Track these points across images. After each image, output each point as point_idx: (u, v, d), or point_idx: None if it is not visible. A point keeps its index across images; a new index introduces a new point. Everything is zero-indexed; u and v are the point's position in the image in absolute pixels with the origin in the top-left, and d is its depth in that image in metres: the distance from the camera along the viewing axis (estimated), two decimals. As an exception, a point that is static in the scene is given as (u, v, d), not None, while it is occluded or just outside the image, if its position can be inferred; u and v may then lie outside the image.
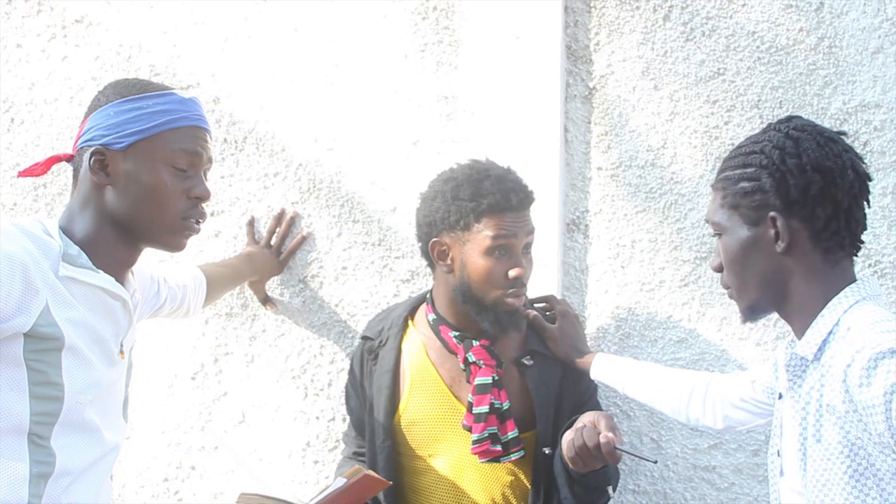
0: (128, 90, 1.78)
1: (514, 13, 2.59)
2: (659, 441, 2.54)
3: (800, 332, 1.69)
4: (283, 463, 2.75)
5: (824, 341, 1.62)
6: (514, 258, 2.20)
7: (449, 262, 2.24)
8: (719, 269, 1.75)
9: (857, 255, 1.70)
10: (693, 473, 2.53)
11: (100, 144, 1.74)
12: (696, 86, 2.55)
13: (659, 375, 2.27)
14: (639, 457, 1.95)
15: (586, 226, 2.62)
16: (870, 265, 2.45)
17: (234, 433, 2.79)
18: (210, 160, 1.84)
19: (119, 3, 2.89)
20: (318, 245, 2.76)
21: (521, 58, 2.59)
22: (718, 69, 2.54)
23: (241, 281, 2.65)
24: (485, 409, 2.19)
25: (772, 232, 1.65)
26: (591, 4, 2.62)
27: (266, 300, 2.75)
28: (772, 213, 1.64)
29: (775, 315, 2.44)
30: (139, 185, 1.74)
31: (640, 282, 2.58)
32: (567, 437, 1.99)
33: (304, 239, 2.75)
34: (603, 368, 2.31)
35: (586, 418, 1.98)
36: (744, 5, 2.53)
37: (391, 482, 2.13)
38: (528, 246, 2.24)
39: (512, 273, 2.18)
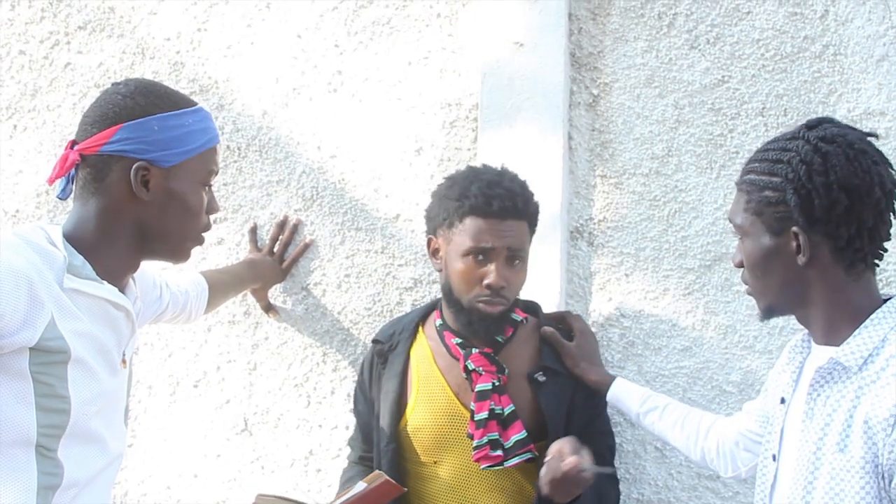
0: (165, 102, 1.74)
1: (518, 20, 2.59)
2: (663, 450, 2.53)
3: (824, 337, 1.67)
4: (285, 471, 2.74)
5: (870, 355, 1.59)
6: (491, 265, 2.17)
7: (439, 259, 2.26)
8: (741, 266, 1.73)
9: (878, 265, 1.68)
10: (697, 482, 2.52)
11: (145, 160, 1.70)
12: (701, 94, 2.55)
13: (677, 412, 2.25)
14: (600, 471, 2.03)
15: (590, 233, 2.61)
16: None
17: (236, 441, 2.78)
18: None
19: (122, 10, 2.89)
20: (320, 252, 2.75)
21: (524, 65, 2.59)
22: (723, 77, 2.54)
23: (243, 288, 2.64)
24: (484, 415, 2.18)
25: (793, 244, 1.62)
26: (596, 12, 2.62)
27: (268, 308, 2.75)
28: (794, 228, 1.61)
29: (782, 323, 2.45)
30: (183, 203, 1.74)
31: (645, 290, 2.57)
32: (542, 473, 2.03)
33: (306, 246, 2.74)
34: (620, 394, 2.29)
35: (553, 449, 2.02)
36: (748, 13, 2.52)
37: (406, 489, 2.13)
38: (513, 257, 2.19)
39: (485, 280, 2.17)
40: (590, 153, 2.62)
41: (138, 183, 1.70)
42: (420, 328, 2.38)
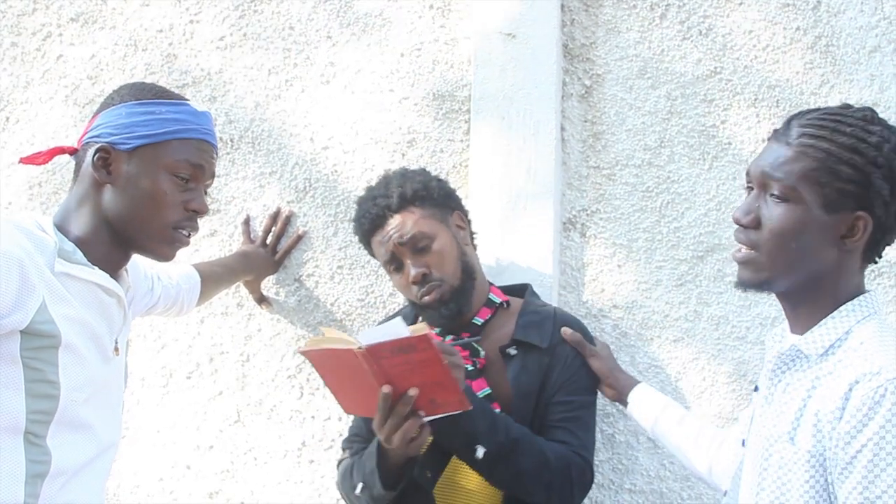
0: (143, 93, 1.77)
1: (510, 11, 2.59)
2: (656, 440, 2.53)
3: (803, 324, 1.63)
4: (278, 462, 2.74)
5: (832, 346, 1.56)
6: (406, 267, 2.22)
7: None
8: (753, 226, 1.60)
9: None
10: (689, 473, 2.52)
11: (106, 142, 1.73)
12: (693, 84, 2.55)
13: (693, 427, 2.16)
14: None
15: (583, 225, 2.61)
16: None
17: (229, 432, 2.78)
18: (213, 176, 1.84)
19: (114, 2, 2.88)
20: (313, 244, 2.75)
21: (517, 56, 2.58)
22: (715, 68, 2.54)
23: (236, 280, 2.64)
24: None
25: (844, 226, 1.55)
26: (588, 3, 2.62)
27: (261, 299, 2.74)
28: (859, 212, 1.55)
29: (774, 314, 2.46)
30: (138, 188, 1.74)
31: (637, 281, 2.57)
32: None
33: (299, 238, 2.74)
34: (641, 399, 2.24)
35: None
36: (741, 4, 2.52)
37: (470, 406, 1.94)
38: (413, 246, 2.21)
39: (410, 279, 2.21)
40: (582, 144, 2.62)
41: (97, 164, 1.72)
42: (419, 319, 2.37)
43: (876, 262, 1.64)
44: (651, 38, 2.58)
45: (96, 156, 1.73)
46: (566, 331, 2.27)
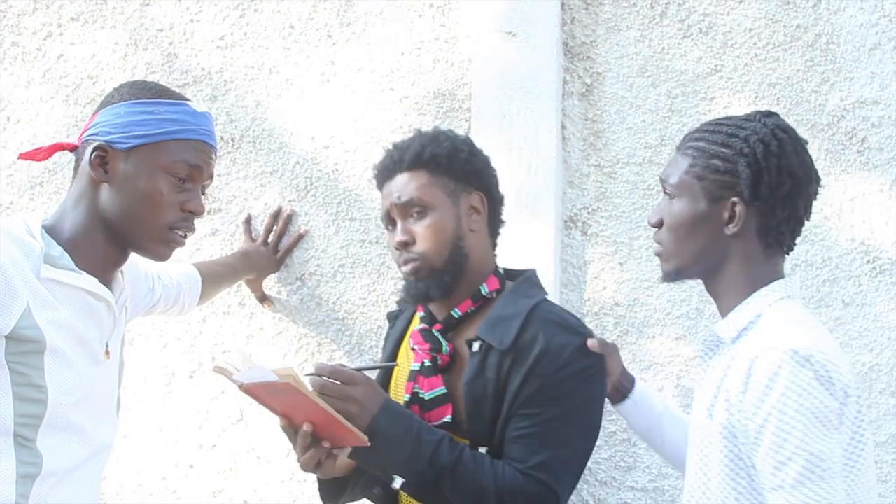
0: (143, 92, 1.76)
1: (511, 10, 2.59)
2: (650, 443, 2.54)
3: (724, 311, 1.77)
4: (281, 461, 2.75)
5: (744, 329, 1.70)
6: (395, 228, 2.07)
7: None
8: (658, 226, 1.80)
9: (788, 255, 1.79)
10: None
11: (104, 141, 1.72)
12: (694, 83, 2.55)
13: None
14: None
15: (584, 223, 2.61)
16: (868, 261, 2.45)
17: (232, 431, 2.79)
18: (211, 176, 1.82)
19: (115, 2, 2.88)
20: (315, 243, 2.75)
21: (517, 55, 2.59)
22: (715, 66, 2.54)
23: (237, 279, 2.64)
24: (406, 398, 2.03)
25: (726, 214, 1.71)
26: (588, 1, 2.62)
27: (263, 298, 2.75)
28: (734, 199, 1.70)
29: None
30: (134, 188, 1.72)
31: (638, 279, 2.57)
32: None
33: (301, 237, 2.75)
34: (646, 391, 2.18)
35: None
36: (741, 2, 2.53)
37: (367, 442, 1.80)
38: (408, 210, 2.03)
39: (394, 243, 2.06)
40: (583, 143, 2.62)
41: (94, 162, 1.72)
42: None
43: (786, 253, 1.77)
44: (651, 36, 2.58)
45: (93, 154, 1.72)
46: (593, 343, 1.98)
